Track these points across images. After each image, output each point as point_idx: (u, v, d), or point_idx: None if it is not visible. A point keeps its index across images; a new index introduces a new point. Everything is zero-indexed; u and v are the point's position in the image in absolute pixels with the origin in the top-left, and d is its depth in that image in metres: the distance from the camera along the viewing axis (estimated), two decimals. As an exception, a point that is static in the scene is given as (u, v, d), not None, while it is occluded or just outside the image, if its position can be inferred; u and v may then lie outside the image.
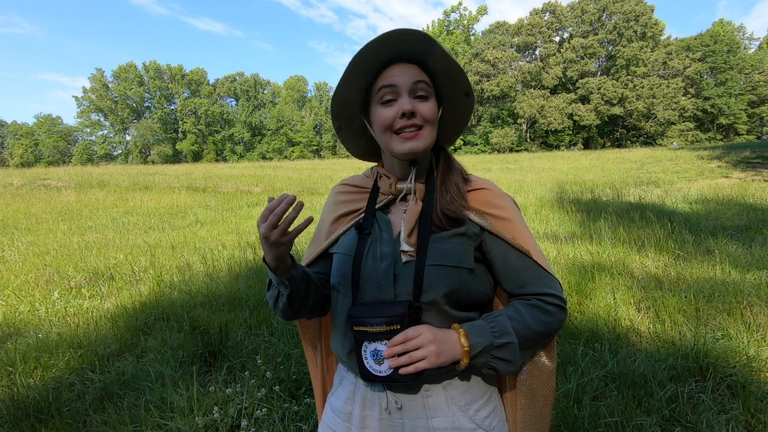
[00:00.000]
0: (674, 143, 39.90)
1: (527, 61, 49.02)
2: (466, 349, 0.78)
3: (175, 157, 63.03)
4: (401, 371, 0.76)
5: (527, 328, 0.82)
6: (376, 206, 0.93)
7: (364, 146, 0.99)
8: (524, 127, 48.31)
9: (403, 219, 0.88)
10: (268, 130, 67.87)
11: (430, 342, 0.76)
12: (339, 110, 0.91)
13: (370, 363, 0.81)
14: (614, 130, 47.60)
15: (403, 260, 0.84)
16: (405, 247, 0.84)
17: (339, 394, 0.95)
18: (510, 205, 0.91)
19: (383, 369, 0.80)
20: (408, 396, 0.85)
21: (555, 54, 46.38)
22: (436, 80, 0.87)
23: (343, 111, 0.91)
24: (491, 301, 0.95)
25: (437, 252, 0.83)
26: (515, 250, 0.87)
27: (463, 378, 0.87)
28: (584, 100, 45.16)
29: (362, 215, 0.94)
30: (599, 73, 46.01)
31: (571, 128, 45.76)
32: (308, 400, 2.26)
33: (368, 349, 0.81)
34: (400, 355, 0.76)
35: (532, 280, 0.87)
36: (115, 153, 66.80)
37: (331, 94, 0.90)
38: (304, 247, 5.66)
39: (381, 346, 0.79)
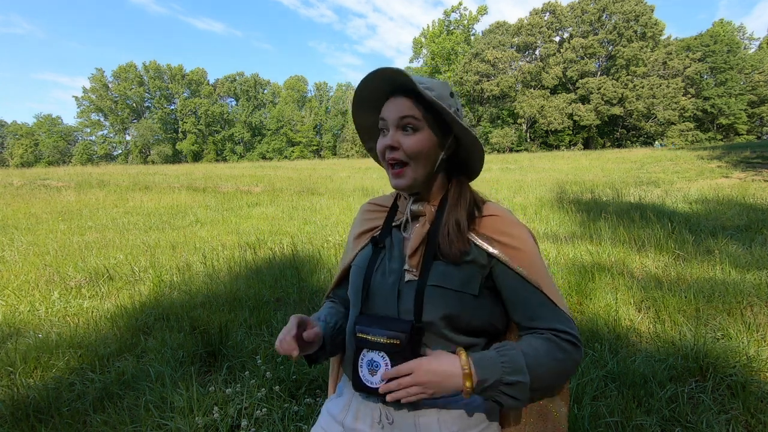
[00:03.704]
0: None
1: (527, 61, 48.99)
2: (468, 388, 0.74)
3: (175, 157, 62.97)
4: (389, 397, 0.77)
5: (541, 366, 0.77)
6: (393, 224, 0.95)
7: None
8: (524, 127, 48.29)
9: (410, 239, 0.90)
10: (268, 130, 67.84)
11: (422, 384, 0.75)
12: (363, 135, 0.98)
13: (364, 372, 0.83)
14: (614, 130, 47.57)
15: (406, 279, 0.85)
16: (406, 265, 0.86)
17: (338, 401, 0.97)
18: (523, 235, 0.88)
19: (375, 380, 0.81)
20: (400, 413, 0.85)
21: (555, 54, 46.34)
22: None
23: (367, 135, 0.98)
24: (501, 333, 0.92)
25: (440, 274, 0.83)
26: (525, 281, 0.83)
27: (461, 401, 0.85)
28: (584, 100, 45.13)
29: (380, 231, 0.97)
30: (599, 73, 45.97)
31: (571, 128, 45.73)
32: (308, 400, 2.26)
33: (365, 357, 0.83)
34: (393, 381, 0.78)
35: (542, 314, 0.83)
36: (115, 153, 66.75)
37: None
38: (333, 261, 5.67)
39: (377, 357, 0.81)
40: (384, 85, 0.86)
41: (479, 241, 0.85)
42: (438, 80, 0.88)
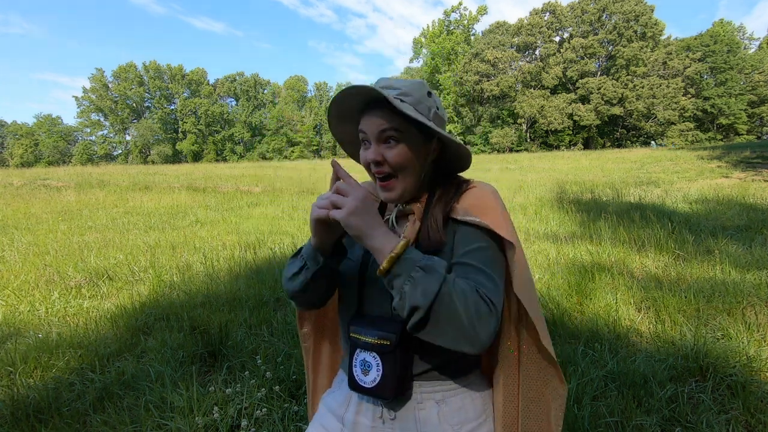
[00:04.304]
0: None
1: (527, 61, 49.00)
2: (395, 253, 0.72)
3: (175, 157, 62.98)
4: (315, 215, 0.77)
5: (455, 291, 0.71)
6: (384, 218, 0.93)
7: None
8: (524, 127, 48.29)
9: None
10: (268, 130, 67.87)
11: (354, 200, 0.73)
12: (346, 147, 0.99)
13: (357, 372, 0.83)
14: (614, 130, 47.59)
15: None
16: None
17: (336, 395, 0.96)
18: (492, 202, 0.86)
19: (367, 380, 0.82)
20: (400, 407, 0.85)
21: (555, 54, 46.36)
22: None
23: (349, 148, 0.99)
24: None
25: None
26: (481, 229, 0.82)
27: (459, 395, 0.86)
28: (584, 100, 45.14)
29: None
30: (599, 73, 45.99)
31: (571, 128, 45.75)
32: (308, 400, 2.26)
33: (359, 357, 0.83)
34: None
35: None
36: (115, 153, 66.80)
37: (331, 95, 0.91)
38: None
39: (369, 357, 0.81)
40: (359, 99, 0.84)
41: (458, 216, 0.84)
42: (413, 81, 0.86)
